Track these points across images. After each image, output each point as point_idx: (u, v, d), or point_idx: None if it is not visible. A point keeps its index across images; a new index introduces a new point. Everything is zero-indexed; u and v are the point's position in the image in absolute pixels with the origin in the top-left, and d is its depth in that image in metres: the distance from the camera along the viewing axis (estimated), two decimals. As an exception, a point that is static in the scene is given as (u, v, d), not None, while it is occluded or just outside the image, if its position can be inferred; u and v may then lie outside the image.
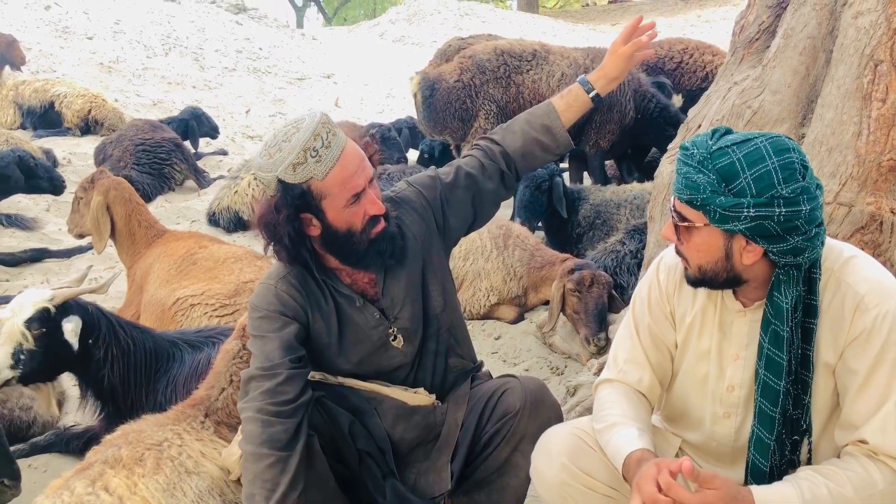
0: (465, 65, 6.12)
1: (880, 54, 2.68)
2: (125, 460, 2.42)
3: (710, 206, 1.73)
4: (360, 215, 2.15)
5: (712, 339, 2.00)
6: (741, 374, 1.96)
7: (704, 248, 1.83)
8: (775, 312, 1.81)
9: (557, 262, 4.67)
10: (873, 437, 1.76)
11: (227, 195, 7.00)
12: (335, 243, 2.20)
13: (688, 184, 1.76)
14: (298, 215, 2.12)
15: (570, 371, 4.06)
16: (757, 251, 1.78)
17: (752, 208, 1.68)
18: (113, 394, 3.17)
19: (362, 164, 2.14)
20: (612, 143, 6.64)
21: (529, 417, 2.29)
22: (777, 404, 1.83)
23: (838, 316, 1.81)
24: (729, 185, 1.71)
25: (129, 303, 4.42)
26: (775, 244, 1.73)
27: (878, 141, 2.69)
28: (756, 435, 1.89)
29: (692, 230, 1.82)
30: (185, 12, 18.87)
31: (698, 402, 2.07)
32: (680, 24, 23.70)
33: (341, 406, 2.35)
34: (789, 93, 2.99)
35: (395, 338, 2.35)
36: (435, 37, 21.96)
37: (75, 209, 4.80)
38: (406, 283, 2.34)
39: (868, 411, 1.77)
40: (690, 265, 1.90)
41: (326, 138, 2.06)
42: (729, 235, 1.78)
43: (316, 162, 2.06)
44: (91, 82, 11.73)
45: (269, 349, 2.20)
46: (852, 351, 1.80)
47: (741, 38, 3.35)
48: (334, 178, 2.08)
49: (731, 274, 1.84)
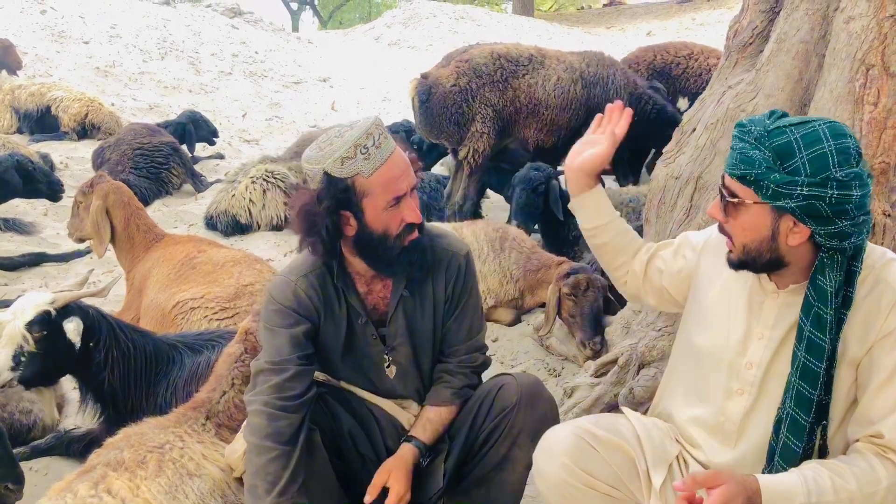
0: (461, 69, 6.15)
1: (872, 59, 2.72)
2: (127, 463, 2.44)
3: (764, 181, 1.76)
4: (398, 220, 2.19)
5: (738, 313, 2.03)
6: (761, 353, 1.99)
7: (751, 227, 1.85)
8: (818, 295, 1.83)
9: (553, 265, 4.70)
10: (890, 432, 1.79)
11: (225, 199, 7.02)
12: (368, 245, 2.23)
13: (743, 159, 1.80)
14: (338, 210, 2.16)
15: (567, 373, 4.09)
16: (804, 233, 1.80)
17: (806, 187, 1.72)
18: (113, 397, 3.19)
19: (407, 171, 2.19)
20: (608, 146, 6.67)
21: (526, 412, 2.32)
22: (816, 387, 1.84)
23: (873, 311, 1.84)
24: (784, 164, 1.75)
25: (128, 306, 4.43)
26: (823, 226, 1.76)
27: (871, 144, 2.72)
28: (791, 416, 1.89)
29: (741, 207, 1.85)
30: (180, 16, 18.87)
31: (717, 373, 2.08)
32: (675, 27, 23.75)
33: (344, 408, 2.39)
34: (783, 97, 3.02)
35: (389, 366, 2.41)
36: (431, 40, 22.01)
37: (75, 213, 4.82)
38: (416, 326, 2.39)
39: (888, 407, 1.81)
40: (735, 244, 1.92)
41: (378, 139, 2.12)
42: (777, 215, 1.81)
43: (365, 159, 2.11)
44: (87, 86, 11.73)
45: (280, 343, 2.25)
46: (882, 347, 1.83)
47: (735, 42, 3.38)
48: (379, 177, 2.13)
49: (775, 255, 1.87)
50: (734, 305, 2.05)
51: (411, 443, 2.35)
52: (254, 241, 6.72)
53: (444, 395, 2.42)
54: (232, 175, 7.53)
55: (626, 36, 23.62)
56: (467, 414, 2.42)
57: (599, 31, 25.28)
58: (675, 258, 2.27)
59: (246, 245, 6.45)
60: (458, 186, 6.46)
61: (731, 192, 1.86)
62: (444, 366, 2.46)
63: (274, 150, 10.09)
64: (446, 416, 2.42)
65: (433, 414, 2.41)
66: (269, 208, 6.93)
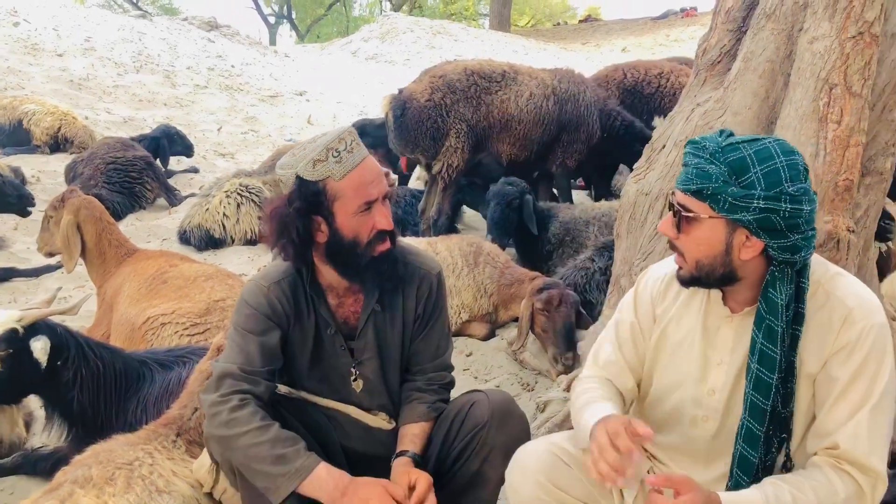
0: (435, 84, 6.20)
1: (835, 78, 2.77)
2: (95, 480, 2.41)
3: (721, 195, 1.79)
4: (369, 227, 2.19)
5: (694, 345, 2.05)
6: (723, 378, 2.01)
7: (705, 241, 1.87)
8: (769, 308, 1.86)
9: (527, 280, 4.73)
10: (845, 442, 1.82)
11: (199, 213, 6.99)
12: (339, 252, 2.22)
13: (699, 173, 1.82)
14: (309, 214, 2.17)
15: (541, 387, 4.10)
16: (756, 246, 1.84)
17: (762, 200, 1.75)
18: (82, 415, 3.15)
19: (379, 178, 2.20)
20: (579, 162, 6.76)
21: (497, 429, 2.32)
22: (769, 398, 1.87)
23: (825, 326, 1.88)
24: (739, 178, 1.78)
25: (98, 322, 4.39)
26: (777, 240, 1.80)
27: (835, 161, 2.78)
28: (746, 427, 1.92)
29: (695, 222, 1.87)
30: (156, 29, 18.80)
31: (678, 404, 2.11)
32: (649, 43, 24.07)
33: (298, 420, 2.37)
34: (750, 114, 3.08)
35: (356, 379, 2.40)
36: (408, 55, 22.12)
37: (45, 228, 4.77)
38: (384, 342, 2.40)
39: (843, 418, 1.83)
40: (688, 260, 1.94)
41: (350, 144, 2.15)
42: (731, 229, 1.83)
43: (336, 162, 2.13)
44: (61, 99, 11.63)
45: (251, 351, 2.25)
46: (836, 361, 1.86)
47: (703, 60, 3.44)
48: (350, 181, 2.14)
49: (728, 269, 1.89)
50: (690, 337, 2.07)
51: (405, 455, 2.32)
52: (227, 255, 6.69)
53: (420, 410, 2.42)
54: (206, 189, 7.51)
55: (602, 52, 23.90)
56: (439, 431, 2.41)
57: (575, 46, 25.54)
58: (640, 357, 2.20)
59: (219, 260, 6.42)
60: (433, 201, 6.49)
61: (684, 207, 1.88)
62: (414, 384, 2.46)
63: (249, 164, 10.07)
64: (428, 430, 2.42)
65: (416, 429, 2.40)
66: (244, 223, 6.91)
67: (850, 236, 2.80)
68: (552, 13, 47.00)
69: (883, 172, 3.10)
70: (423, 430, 2.40)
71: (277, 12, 45.19)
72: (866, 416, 1.81)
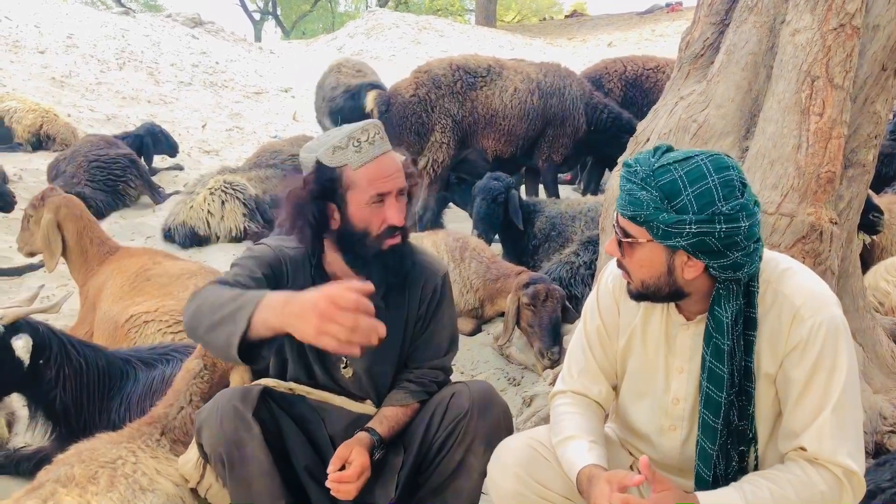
0: (420, 80, 6.19)
1: (817, 70, 2.78)
2: (78, 479, 2.39)
3: (653, 222, 1.76)
4: (380, 219, 2.21)
5: (658, 352, 2.04)
6: (685, 387, 2.00)
7: (647, 264, 1.86)
8: (716, 326, 1.85)
9: (512, 275, 4.72)
10: (811, 445, 1.81)
11: (183, 211, 6.94)
12: (349, 240, 2.24)
13: (631, 200, 1.80)
14: (324, 199, 2.19)
15: (527, 382, 4.11)
16: (698, 266, 1.81)
17: (694, 224, 1.72)
18: (65, 414, 3.13)
19: (397, 173, 2.22)
20: (565, 156, 6.76)
21: (479, 418, 2.33)
22: (719, 416, 1.87)
23: (776, 327, 1.86)
24: (671, 202, 1.74)
25: (81, 321, 4.36)
26: (716, 259, 1.77)
27: (817, 153, 2.79)
28: (700, 445, 1.92)
29: (635, 246, 1.85)
30: (139, 26, 18.69)
31: (645, 414, 2.11)
32: (635, 38, 24.10)
33: (287, 412, 2.39)
34: (733, 107, 3.09)
35: (346, 367, 2.41)
36: (393, 51, 22.07)
37: (25, 227, 4.72)
38: (384, 339, 2.37)
39: (806, 419, 1.82)
40: (633, 280, 1.92)
41: (373, 136, 2.18)
42: (671, 251, 1.81)
43: (355, 151, 2.16)
44: (43, 97, 11.53)
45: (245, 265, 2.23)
46: (790, 361, 1.84)
47: (687, 53, 3.44)
48: (366, 171, 2.17)
49: (674, 288, 1.88)
50: (652, 344, 2.06)
51: (367, 432, 2.35)
52: (212, 253, 6.66)
53: (399, 395, 2.44)
54: (190, 186, 7.46)
55: (588, 47, 23.92)
56: (421, 423, 2.42)
57: (561, 41, 25.54)
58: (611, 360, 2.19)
59: (204, 257, 6.38)
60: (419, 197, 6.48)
61: (624, 231, 1.86)
62: (405, 375, 2.48)
63: (234, 161, 10.03)
64: (402, 417, 2.43)
65: (390, 412, 2.42)
66: (228, 220, 6.87)
67: (832, 228, 2.82)
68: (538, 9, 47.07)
69: (865, 164, 3.12)
70: (396, 415, 2.42)
71: (262, 8, 45.01)
72: (829, 417, 1.79)
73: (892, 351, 3.34)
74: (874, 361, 3.23)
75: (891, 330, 3.54)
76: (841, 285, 3.13)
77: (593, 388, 2.17)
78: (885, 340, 3.36)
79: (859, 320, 3.22)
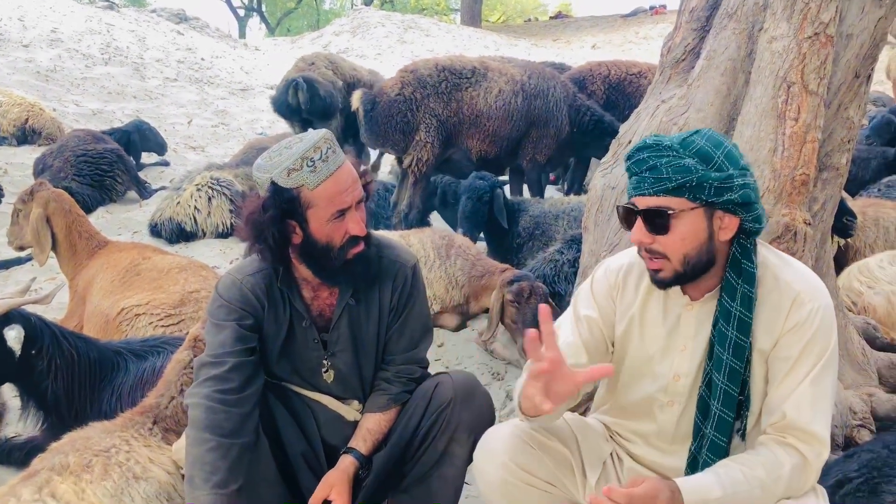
0: (406, 79, 6.26)
1: (792, 76, 2.88)
2: (72, 467, 2.43)
3: (706, 181, 1.87)
4: (342, 232, 2.23)
5: (657, 333, 2.13)
6: (688, 363, 2.09)
7: (690, 234, 1.93)
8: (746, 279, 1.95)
9: (497, 272, 4.80)
10: (790, 411, 1.92)
11: (170, 206, 6.96)
12: (312, 255, 2.28)
13: (676, 169, 1.88)
14: (284, 219, 2.21)
15: (511, 377, 4.19)
16: (733, 224, 1.94)
17: (739, 178, 1.89)
18: (56, 404, 3.17)
19: (354, 185, 2.23)
20: (548, 156, 6.86)
21: (462, 407, 2.40)
22: (738, 384, 1.97)
23: (776, 308, 1.97)
24: (709, 164, 1.88)
25: (71, 314, 4.39)
26: (750, 212, 1.93)
27: (792, 157, 2.89)
28: (718, 416, 1.99)
29: (677, 218, 1.92)
30: (124, 21, 18.61)
31: (644, 392, 2.18)
32: (619, 40, 24.26)
33: (284, 405, 2.45)
34: (712, 111, 3.18)
35: (328, 371, 2.46)
36: (379, 49, 22.08)
37: (15, 222, 4.75)
38: (359, 335, 2.44)
39: (789, 390, 1.94)
40: (672, 258, 1.96)
41: (325, 153, 2.17)
42: (709, 214, 1.93)
43: (311, 171, 2.15)
44: (28, 91, 11.49)
45: (223, 337, 2.29)
46: (786, 341, 1.96)
47: (668, 58, 3.53)
48: (324, 190, 2.17)
49: (710, 256, 1.98)
50: (651, 326, 2.14)
51: (351, 455, 2.40)
52: (199, 248, 6.69)
53: (380, 401, 2.49)
54: (177, 182, 7.47)
55: (572, 48, 24.04)
56: (405, 413, 2.48)
57: (546, 42, 25.64)
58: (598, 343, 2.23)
59: (191, 252, 6.41)
60: (404, 195, 6.55)
61: (657, 211, 1.92)
62: (383, 374, 2.52)
63: (220, 157, 10.04)
64: (384, 423, 2.48)
65: (372, 423, 2.46)
66: (215, 216, 6.90)
67: (806, 229, 2.92)
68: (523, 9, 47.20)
69: (839, 168, 3.23)
70: (379, 425, 2.46)
71: (247, 5, 44.81)
72: (808, 387, 1.92)
73: (862, 349, 3.45)
74: (846, 358, 3.34)
75: (862, 328, 3.66)
76: (814, 284, 3.24)
77: (575, 359, 2.20)
78: (857, 338, 3.47)
79: (832, 318, 3.33)
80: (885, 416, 3.18)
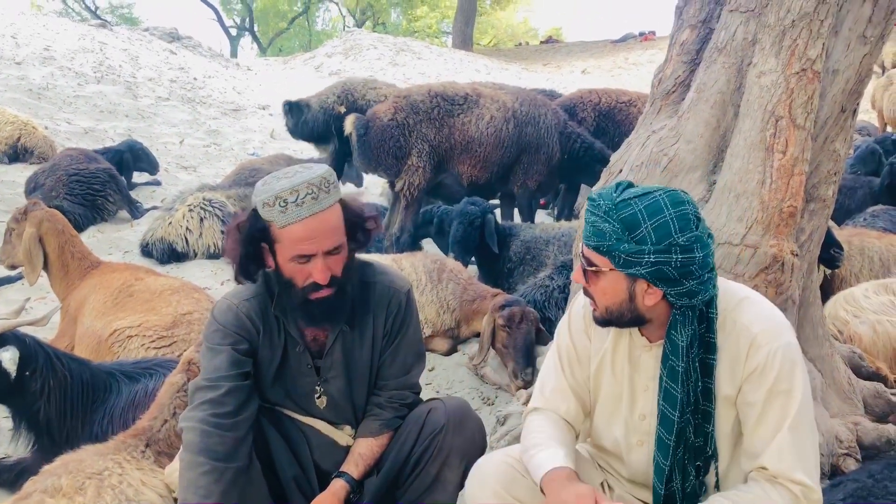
0: (399, 104, 6.34)
1: (780, 111, 2.95)
2: (65, 489, 2.45)
3: (615, 252, 1.90)
4: (304, 275, 2.25)
5: (624, 372, 2.16)
6: (651, 403, 2.11)
7: (610, 291, 1.99)
8: (672, 349, 1.98)
9: (489, 297, 4.84)
10: (771, 463, 1.93)
11: (161, 226, 6.98)
12: (279, 283, 2.32)
13: (595, 231, 1.94)
14: (258, 241, 2.25)
15: (501, 401, 4.21)
16: (657, 293, 1.95)
17: (653, 255, 1.87)
18: (48, 426, 3.17)
19: (325, 235, 2.21)
20: (539, 182, 6.93)
21: (454, 433, 2.42)
22: (672, 433, 1.99)
23: (734, 353, 1.99)
24: (632, 234, 1.89)
25: (62, 334, 4.39)
26: (673, 287, 1.91)
27: (780, 189, 2.94)
28: (655, 460, 2.05)
29: (599, 274, 1.99)
30: (117, 40, 18.66)
31: (616, 431, 2.21)
32: (608, 65, 24.49)
33: (277, 430, 2.47)
34: (701, 143, 3.24)
35: (320, 397, 2.48)
36: (371, 71, 22.19)
37: (7, 240, 4.76)
38: (352, 361, 2.47)
39: (766, 439, 1.95)
40: (598, 306, 2.05)
41: (303, 198, 2.15)
42: (632, 279, 1.95)
43: (281, 212, 2.16)
44: (20, 109, 11.48)
45: (218, 362, 2.32)
46: (749, 385, 1.97)
47: (659, 90, 3.60)
48: (289, 233, 2.19)
49: (635, 314, 2.01)
50: (619, 364, 2.18)
51: (342, 478, 2.42)
52: (190, 269, 6.70)
53: (373, 426, 2.51)
54: (169, 202, 7.51)
55: (562, 73, 24.26)
56: (398, 439, 2.51)
57: (536, 67, 25.87)
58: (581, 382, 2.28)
59: (182, 273, 6.42)
60: (396, 218, 6.61)
61: (589, 261, 2.00)
62: (375, 399, 2.54)
63: (212, 178, 10.06)
64: (376, 449, 2.50)
65: (364, 448, 2.48)
66: (206, 237, 6.92)
67: (794, 259, 2.97)
68: (514, 33, 47.60)
69: (825, 199, 3.29)
70: (371, 450, 2.48)
71: (239, 25, 45.05)
72: (787, 435, 1.92)
73: (848, 377, 3.50)
74: (832, 387, 3.38)
75: (848, 357, 3.71)
76: (802, 314, 3.28)
77: (563, 405, 2.26)
78: (843, 367, 3.52)
79: (818, 348, 3.38)
80: (870, 444, 3.21)
